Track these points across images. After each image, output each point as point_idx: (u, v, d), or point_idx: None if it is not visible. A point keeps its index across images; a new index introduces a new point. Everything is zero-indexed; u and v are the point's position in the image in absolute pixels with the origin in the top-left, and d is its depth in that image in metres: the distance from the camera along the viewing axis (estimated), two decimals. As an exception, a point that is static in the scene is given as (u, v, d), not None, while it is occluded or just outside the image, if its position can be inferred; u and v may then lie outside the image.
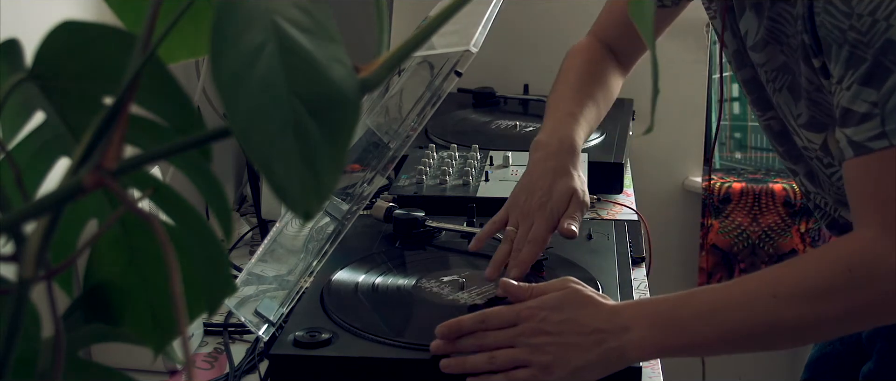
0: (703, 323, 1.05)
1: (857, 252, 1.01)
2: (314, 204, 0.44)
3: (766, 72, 1.21)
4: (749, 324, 1.03)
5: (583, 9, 2.35)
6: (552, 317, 1.09)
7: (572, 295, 1.11)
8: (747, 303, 1.04)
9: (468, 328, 1.12)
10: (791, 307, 1.01)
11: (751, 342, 1.06)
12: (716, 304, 1.06)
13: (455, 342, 1.13)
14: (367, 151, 1.31)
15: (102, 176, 0.45)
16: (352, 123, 0.46)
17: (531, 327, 1.09)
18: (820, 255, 1.06)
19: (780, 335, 1.04)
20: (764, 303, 1.02)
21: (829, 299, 1.00)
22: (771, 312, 1.02)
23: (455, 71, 1.20)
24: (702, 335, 1.05)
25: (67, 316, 0.58)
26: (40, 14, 1.25)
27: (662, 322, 1.07)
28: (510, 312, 1.12)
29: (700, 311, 1.06)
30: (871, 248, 0.99)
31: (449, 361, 1.12)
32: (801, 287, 1.02)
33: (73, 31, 0.51)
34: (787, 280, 1.03)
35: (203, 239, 0.55)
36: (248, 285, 1.27)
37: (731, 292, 1.06)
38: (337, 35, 0.48)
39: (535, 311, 1.10)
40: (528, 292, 1.14)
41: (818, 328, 1.04)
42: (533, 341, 1.09)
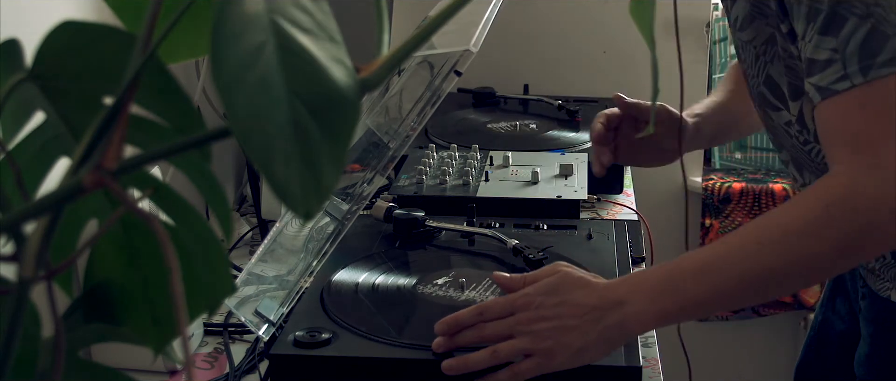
0: (696, 282, 1.06)
1: (833, 188, 1.03)
2: (314, 204, 0.44)
3: (755, 47, 1.23)
4: (740, 275, 1.04)
5: (583, 9, 2.35)
6: (548, 302, 1.10)
7: (564, 278, 1.12)
8: (735, 255, 1.05)
9: (466, 321, 1.13)
10: (777, 252, 1.03)
11: (746, 292, 1.07)
12: (705, 262, 1.07)
13: (455, 337, 1.13)
14: (367, 151, 1.31)
15: (102, 176, 0.45)
16: (352, 123, 0.46)
17: (528, 315, 1.10)
18: (798, 198, 1.07)
19: (772, 282, 1.05)
20: (751, 252, 1.04)
21: (811, 237, 1.01)
22: (759, 259, 1.03)
23: (455, 71, 1.20)
24: (696, 295, 1.06)
25: (67, 316, 0.58)
26: (40, 14, 1.25)
27: (656, 290, 1.08)
28: (506, 302, 1.12)
29: (691, 271, 1.07)
30: (845, 182, 1.02)
31: (451, 361, 1.12)
32: (782, 230, 1.04)
33: (73, 31, 0.52)
34: (769, 227, 1.05)
35: (203, 239, 0.55)
36: (248, 285, 1.27)
37: (718, 249, 1.07)
38: (337, 35, 0.48)
39: (531, 298, 1.11)
40: (520, 281, 1.15)
41: (807, 268, 1.04)
42: (532, 328, 1.09)
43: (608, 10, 2.32)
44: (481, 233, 1.48)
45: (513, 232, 1.50)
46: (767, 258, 1.04)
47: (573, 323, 1.09)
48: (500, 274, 1.19)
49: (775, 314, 2.44)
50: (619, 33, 2.31)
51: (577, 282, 1.11)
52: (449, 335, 1.13)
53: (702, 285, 1.06)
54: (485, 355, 1.10)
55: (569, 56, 2.36)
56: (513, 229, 1.52)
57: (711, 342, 2.53)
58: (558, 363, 1.09)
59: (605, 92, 2.26)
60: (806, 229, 1.02)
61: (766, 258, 1.04)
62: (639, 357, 1.13)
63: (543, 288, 1.12)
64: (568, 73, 2.36)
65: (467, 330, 1.13)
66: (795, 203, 1.06)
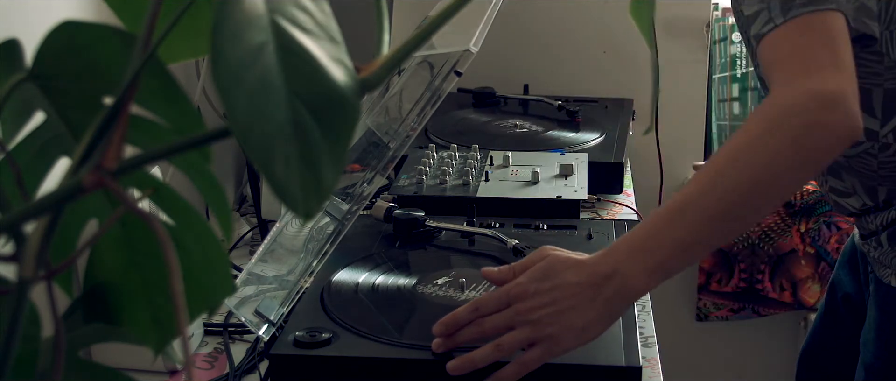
0: (674, 227, 1.09)
1: (769, 105, 1.11)
2: (314, 204, 0.44)
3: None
4: (708, 206, 1.08)
5: (583, 9, 2.35)
6: (542, 288, 1.10)
7: (553, 262, 1.12)
8: (699, 190, 1.10)
9: (464, 319, 1.13)
10: (733, 173, 1.08)
11: (722, 221, 1.10)
12: (675, 206, 1.10)
13: (453, 337, 1.13)
14: (367, 151, 1.31)
15: (102, 176, 0.45)
16: (352, 123, 0.46)
17: (525, 304, 1.10)
18: (742, 125, 1.14)
19: (740, 203, 1.09)
20: (712, 181, 1.09)
21: (759, 149, 1.08)
22: (721, 185, 1.09)
23: (455, 71, 1.20)
24: (678, 238, 1.08)
25: (67, 316, 0.58)
26: (40, 14, 1.25)
27: (640, 246, 1.09)
28: (500, 294, 1.12)
29: (665, 220, 1.10)
30: (779, 98, 1.11)
31: (456, 362, 1.11)
32: (733, 152, 1.10)
33: (73, 31, 0.52)
34: (721, 155, 1.11)
35: (203, 239, 0.55)
36: (248, 285, 1.27)
37: (683, 192, 1.11)
38: (337, 35, 0.48)
39: (525, 287, 1.11)
40: (510, 272, 1.15)
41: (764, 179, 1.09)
42: (531, 317, 1.09)
43: (608, 10, 2.32)
44: (481, 233, 1.48)
45: (513, 232, 1.50)
46: (728, 181, 1.08)
47: (571, 304, 1.09)
48: (488, 269, 1.19)
49: (775, 314, 2.44)
50: (619, 33, 2.31)
51: (566, 263, 1.12)
52: (447, 334, 1.13)
53: (679, 227, 1.09)
54: (488, 350, 1.10)
55: (569, 56, 2.36)
56: (513, 229, 1.52)
57: (711, 342, 2.53)
58: (565, 347, 1.09)
59: (605, 92, 2.27)
60: (752, 143, 1.09)
61: (727, 182, 1.08)
62: (639, 357, 1.13)
63: (535, 275, 1.12)
64: (568, 73, 2.36)
65: (465, 328, 1.13)
66: (740, 129, 1.12)
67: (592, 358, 1.13)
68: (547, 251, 1.15)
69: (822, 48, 1.12)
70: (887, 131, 1.35)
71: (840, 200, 1.47)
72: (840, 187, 1.46)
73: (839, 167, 1.44)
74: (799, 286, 2.39)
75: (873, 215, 1.43)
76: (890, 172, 1.38)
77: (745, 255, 2.37)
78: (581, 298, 1.09)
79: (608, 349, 1.14)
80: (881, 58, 1.29)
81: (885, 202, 1.42)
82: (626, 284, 1.09)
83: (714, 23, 2.34)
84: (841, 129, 1.08)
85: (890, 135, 1.35)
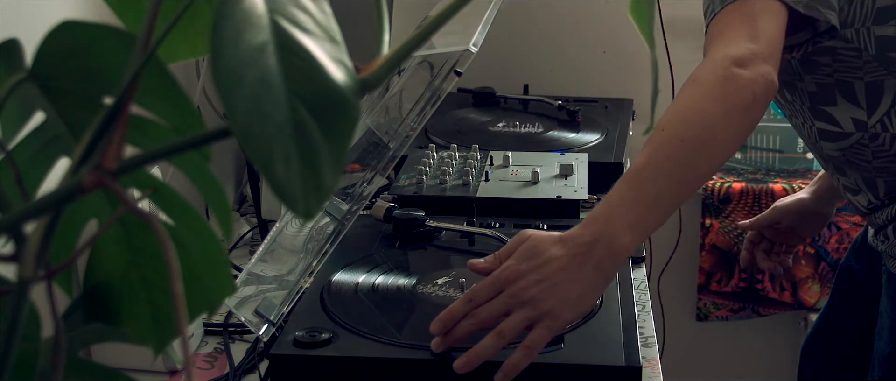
0: (640, 184, 1.15)
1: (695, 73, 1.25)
2: (314, 204, 0.44)
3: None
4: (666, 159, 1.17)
5: (583, 9, 2.35)
6: (531, 266, 1.12)
7: (536, 241, 1.14)
8: (653, 150, 1.18)
9: (460, 312, 1.13)
10: (676, 127, 1.19)
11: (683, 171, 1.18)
12: (637, 168, 1.17)
13: (451, 333, 1.13)
14: (367, 151, 1.31)
15: (102, 176, 0.45)
16: (352, 123, 0.46)
17: (517, 285, 1.11)
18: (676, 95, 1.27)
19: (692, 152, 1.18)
20: (661, 140, 1.19)
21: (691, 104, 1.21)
22: (669, 141, 1.18)
23: (455, 71, 1.20)
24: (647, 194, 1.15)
25: (67, 316, 0.58)
26: (40, 14, 1.25)
27: (617, 210, 1.14)
28: (492, 280, 1.13)
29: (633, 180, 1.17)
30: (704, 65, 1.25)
31: (462, 360, 1.10)
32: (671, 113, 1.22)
33: (73, 31, 0.52)
34: (663, 118, 1.22)
35: (203, 239, 0.55)
36: (248, 285, 1.27)
37: (639, 156, 1.19)
38: (337, 35, 0.48)
39: (514, 269, 1.12)
40: (495, 260, 1.17)
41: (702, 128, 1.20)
42: (525, 296, 1.10)
43: (608, 10, 2.32)
44: (481, 233, 1.48)
45: (513, 232, 1.50)
46: (674, 133, 1.18)
47: (563, 276, 1.11)
48: (474, 261, 1.20)
49: (775, 314, 2.44)
50: (619, 33, 2.31)
51: (548, 239, 1.14)
52: (444, 332, 1.13)
53: (647, 183, 1.15)
54: (491, 339, 1.10)
55: (569, 56, 2.36)
56: (513, 229, 1.52)
57: (711, 342, 2.53)
58: (565, 319, 1.10)
59: (605, 92, 2.27)
60: (685, 100, 1.22)
61: (672, 133, 1.18)
62: (639, 357, 1.13)
63: (522, 255, 1.13)
64: (568, 73, 2.36)
65: (462, 321, 1.13)
66: (675, 97, 1.26)
67: (592, 358, 1.13)
68: (527, 233, 1.16)
69: (742, 24, 1.26)
70: (874, 121, 1.41)
71: (852, 197, 1.55)
72: (848, 184, 1.52)
73: (841, 163, 1.49)
74: (799, 286, 2.39)
75: (880, 211, 1.49)
76: (885, 162, 1.44)
77: (744, 255, 2.37)
78: (571, 268, 1.11)
79: (608, 349, 1.14)
80: (859, 53, 1.36)
81: (888, 198, 1.47)
82: (612, 245, 1.12)
83: (714, 23, 2.34)
84: (753, 80, 1.21)
85: (878, 125, 1.41)
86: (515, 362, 1.09)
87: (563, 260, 1.11)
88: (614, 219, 1.13)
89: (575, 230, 1.14)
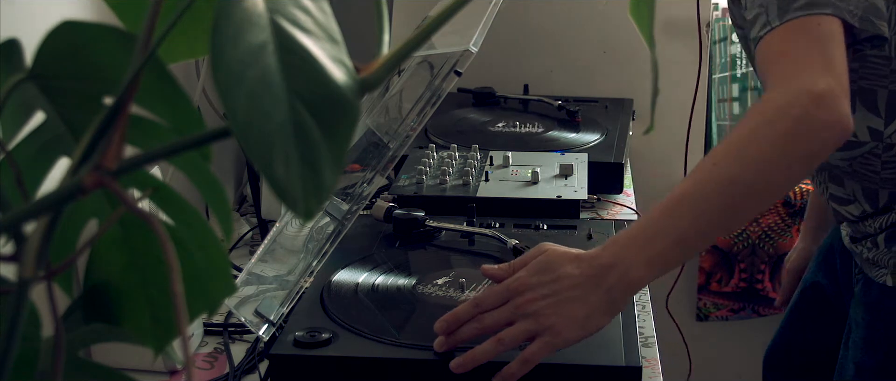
0: (673, 219, 1.10)
1: (766, 101, 1.14)
2: (314, 204, 0.44)
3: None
4: (707, 196, 1.10)
5: (583, 9, 2.35)
6: (542, 280, 1.10)
7: (552, 256, 1.13)
8: (697, 182, 1.12)
9: (465, 315, 1.12)
10: (730, 163, 1.10)
11: (722, 213, 1.11)
12: (674, 199, 1.11)
13: (455, 334, 1.13)
14: (367, 151, 1.31)
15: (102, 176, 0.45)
16: (352, 123, 0.46)
17: (526, 297, 1.10)
18: (739, 121, 1.16)
19: (739, 193, 1.10)
20: (709, 173, 1.11)
21: (755, 141, 1.11)
22: (717, 178, 1.11)
23: (455, 70, 1.20)
24: (679, 229, 1.10)
25: (67, 316, 0.58)
26: (40, 14, 1.25)
27: (639, 239, 1.10)
28: (501, 289, 1.12)
29: (665, 211, 1.11)
30: (774, 95, 1.14)
31: (458, 360, 1.11)
32: (730, 145, 1.13)
33: (73, 31, 0.51)
34: (718, 148, 1.14)
35: (203, 239, 0.55)
36: (248, 285, 1.27)
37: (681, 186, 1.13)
38: (337, 35, 0.48)
39: (524, 280, 1.11)
40: (509, 269, 1.15)
41: (761, 170, 1.11)
42: (531, 308, 1.09)
43: (608, 10, 2.32)
44: (481, 233, 1.48)
45: (513, 232, 1.50)
46: (724, 174, 1.10)
47: (572, 295, 1.09)
48: (487, 266, 1.19)
49: (775, 314, 2.44)
50: (619, 33, 2.31)
51: (564, 256, 1.12)
52: (448, 332, 1.13)
53: (678, 218, 1.10)
54: (490, 344, 1.10)
55: (569, 56, 2.36)
56: (513, 229, 1.52)
57: (711, 342, 2.53)
58: (567, 338, 1.08)
59: (605, 92, 2.27)
60: (747, 138, 1.11)
61: (723, 175, 1.10)
62: (639, 357, 1.13)
63: (534, 268, 1.12)
64: (568, 73, 2.36)
65: (466, 325, 1.12)
66: (737, 125, 1.15)
67: (592, 358, 1.13)
68: (545, 246, 1.15)
69: (814, 50, 1.15)
70: (891, 131, 1.37)
71: (839, 207, 1.49)
72: (841, 195, 1.47)
73: (842, 173, 1.45)
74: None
75: (871, 220, 1.44)
76: (893, 173, 1.40)
77: (745, 255, 2.37)
78: (582, 288, 1.09)
79: (608, 349, 1.14)
80: (889, 61, 1.31)
81: (884, 207, 1.43)
82: (626, 274, 1.09)
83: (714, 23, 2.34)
84: (831, 125, 1.11)
85: (894, 135, 1.37)
86: (512, 371, 1.09)
87: (575, 279, 1.10)
88: (635, 248, 1.10)
89: (594, 251, 1.12)
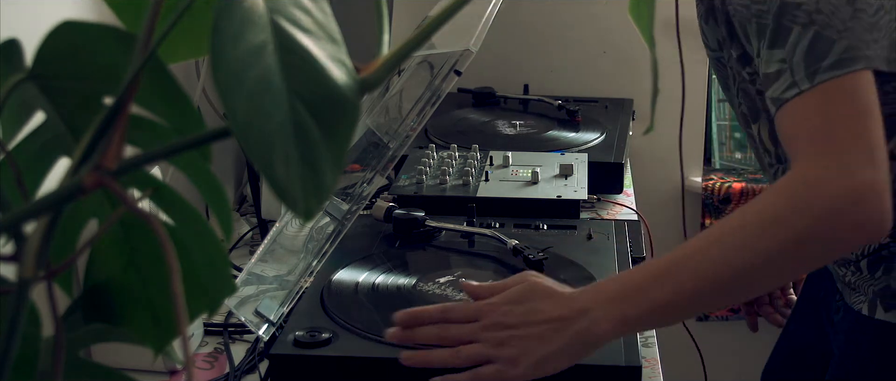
0: (659, 285, 1.03)
1: (796, 180, 1.02)
2: (314, 204, 0.44)
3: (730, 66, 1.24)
4: (702, 275, 1.02)
5: (583, 9, 2.35)
6: (514, 311, 1.09)
7: (532, 288, 1.10)
8: (696, 256, 1.03)
9: (430, 318, 1.12)
10: (737, 248, 1.01)
11: (710, 293, 1.04)
12: (668, 264, 1.04)
13: (414, 331, 1.12)
14: (367, 151, 1.31)
15: (102, 176, 0.45)
16: (352, 123, 0.46)
17: (493, 322, 1.09)
18: (758, 197, 1.04)
19: (736, 280, 1.02)
20: (712, 252, 1.02)
21: (770, 231, 1.00)
22: (720, 258, 1.01)
23: (455, 70, 1.20)
24: (660, 298, 1.03)
25: (67, 316, 0.58)
26: (40, 14, 1.25)
27: (619, 295, 1.05)
28: (473, 307, 1.11)
29: (653, 274, 1.05)
30: (808, 174, 1.01)
31: (412, 354, 1.11)
32: (741, 227, 1.02)
33: (73, 31, 0.51)
34: (728, 225, 1.03)
35: (203, 239, 0.55)
36: (248, 285, 1.27)
37: (681, 250, 1.05)
38: (337, 35, 0.48)
39: (497, 306, 1.10)
40: (488, 290, 1.13)
41: (769, 263, 1.01)
42: (496, 335, 1.08)
43: (608, 10, 2.32)
44: (481, 233, 1.48)
45: (513, 232, 1.50)
46: (729, 256, 1.01)
47: (536, 332, 1.07)
48: (467, 283, 1.18)
49: (775, 314, 2.44)
50: (619, 33, 2.31)
51: (543, 292, 1.10)
52: (408, 326, 1.12)
53: (664, 287, 1.03)
54: (447, 353, 1.10)
55: (569, 56, 2.36)
56: (513, 229, 1.52)
57: (711, 342, 2.52)
58: (520, 373, 1.07)
59: (605, 92, 2.27)
60: (765, 223, 1.01)
61: (727, 256, 1.01)
62: (639, 357, 1.13)
63: (510, 296, 1.11)
64: (568, 73, 2.36)
65: (429, 327, 1.12)
66: (754, 201, 1.05)
67: (592, 358, 1.12)
68: (529, 276, 1.13)
69: (854, 128, 1.01)
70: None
71: None
72: None
73: None
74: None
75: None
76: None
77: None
78: (547, 328, 1.07)
79: (608, 349, 1.14)
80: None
81: None
82: (595, 325, 1.06)
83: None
84: (867, 224, 1.00)
85: None
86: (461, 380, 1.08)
87: (546, 315, 1.07)
88: (613, 301, 1.05)
89: (575, 291, 1.10)
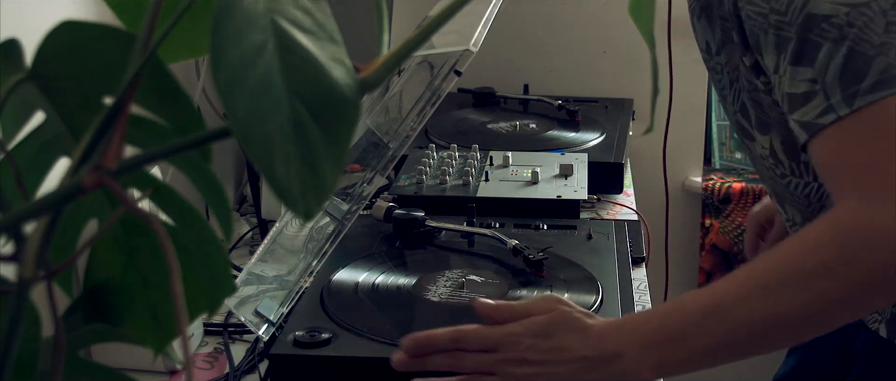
0: (698, 330, 0.97)
1: (842, 223, 0.94)
2: (314, 204, 0.44)
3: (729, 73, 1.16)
4: (747, 322, 0.95)
5: (583, 9, 2.35)
6: (539, 345, 0.99)
7: (559, 319, 1.01)
8: (741, 299, 0.96)
9: (441, 345, 1.03)
10: (786, 295, 0.94)
11: (755, 341, 0.98)
12: (707, 307, 0.97)
13: (423, 360, 1.03)
14: (367, 151, 1.31)
15: (102, 176, 0.45)
16: (352, 123, 0.46)
17: (514, 356, 1.00)
18: (804, 236, 0.97)
19: (783, 328, 0.96)
20: (757, 297, 0.95)
21: (824, 278, 0.93)
22: (766, 304, 0.95)
23: (455, 70, 1.20)
24: (700, 345, 0.97)
25: (67, 316, 0.58)
26: (40, 14, 1.25)
27: (655, 339, 0.98)
28: (491, 335, 1.02)
29: (692, 318, 0.97)
30: (857, 216, 0.93)
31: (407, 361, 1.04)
32: (790, 272, 0.95)
33: (73, 31, 0.51)
34: (775, 269, 0.96)
35: (203, 239, 0.55)
36: (248, 285, 1.27)
37: (721, 292, 0.98)
38: (337, 35, 0.48)
39: (519, 338, 1.00)
40: (508, 312, 1.03)
41: (821, 312, 0.95)
42: (516, 371, 1.00)
43: (608, 10, 2.32)
44: (481, 233, 1.48)
45: (513, 232, 1.50)
46: (776, 303, 0.94)
47: (562, 371, 0.98)
48: (484, 303, 1.06)
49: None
50: (619, 33, 2.31)
51: (571, 325, 1.00)
52: (417, 355, 1.04)
53: (704, 334, 0.97)
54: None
55: (569, 56, 2.36)
56: (513, 229, 1.52)
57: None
58: None
59: (605, 92, 2.27)
60: (817, 269, 0.94)
61: (774, 303, 0.94)
62: None
63: (535, 328, 1.00)
64: (568, 73, 2.36)
65: (440, 355, 1.03)
66: (802, 241, 0.97)
67: None
68: (554, 304, 1.03)
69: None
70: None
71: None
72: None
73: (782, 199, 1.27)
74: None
75: None
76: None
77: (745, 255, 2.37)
78: (574, 368, 0.98)
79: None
80: None
81: None
82: (632, 373, 0.98)
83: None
84: None
85: None
86: None
87: (574, 355, 0.98)
88: (647, 347, 0.97)
89: (606, 328, 1.00)
